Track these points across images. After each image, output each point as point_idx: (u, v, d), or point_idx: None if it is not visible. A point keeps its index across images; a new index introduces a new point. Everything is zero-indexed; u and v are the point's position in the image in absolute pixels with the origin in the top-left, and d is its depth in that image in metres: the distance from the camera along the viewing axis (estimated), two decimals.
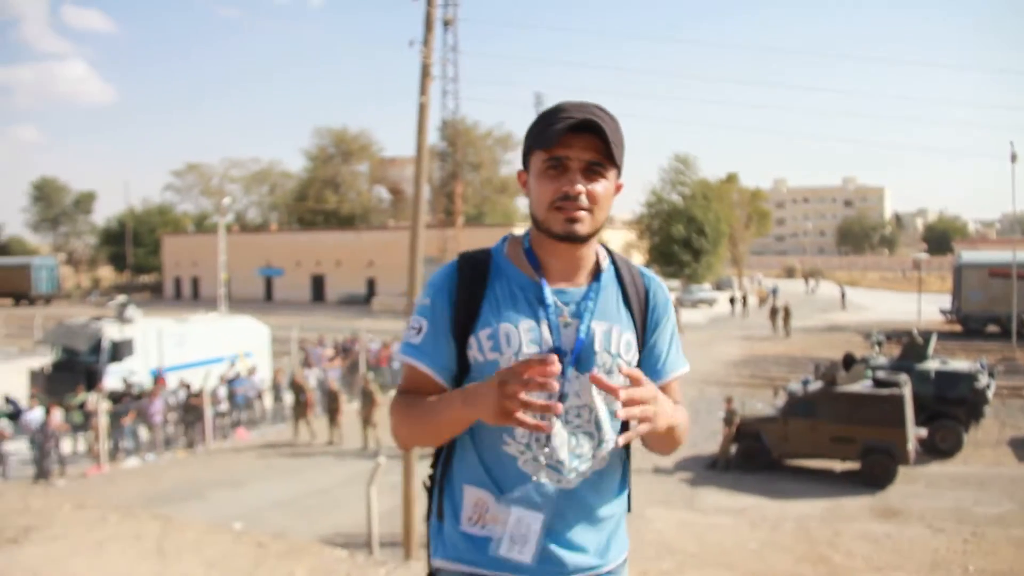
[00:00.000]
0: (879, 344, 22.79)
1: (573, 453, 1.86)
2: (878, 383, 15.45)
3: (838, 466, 15.68)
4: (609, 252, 2.04)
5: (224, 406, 19.71)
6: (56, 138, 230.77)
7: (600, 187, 1.83)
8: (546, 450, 1.84)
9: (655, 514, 13.27)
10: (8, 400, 18.79)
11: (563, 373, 1.82)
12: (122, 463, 17.14)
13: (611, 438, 1.90)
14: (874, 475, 14.82)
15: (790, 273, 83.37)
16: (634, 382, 1.68)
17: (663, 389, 1.93)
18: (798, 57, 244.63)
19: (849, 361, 16.46)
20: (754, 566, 11.09)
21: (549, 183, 1.82)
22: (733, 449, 16.02)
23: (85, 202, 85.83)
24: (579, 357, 1.85)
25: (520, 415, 1.60)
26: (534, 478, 1.84)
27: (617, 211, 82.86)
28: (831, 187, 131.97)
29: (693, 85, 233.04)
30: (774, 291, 51.02)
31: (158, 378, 19.91)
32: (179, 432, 18.79)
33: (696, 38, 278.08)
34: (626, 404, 1.64)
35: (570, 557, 1.87)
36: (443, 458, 1.96)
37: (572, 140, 1.79)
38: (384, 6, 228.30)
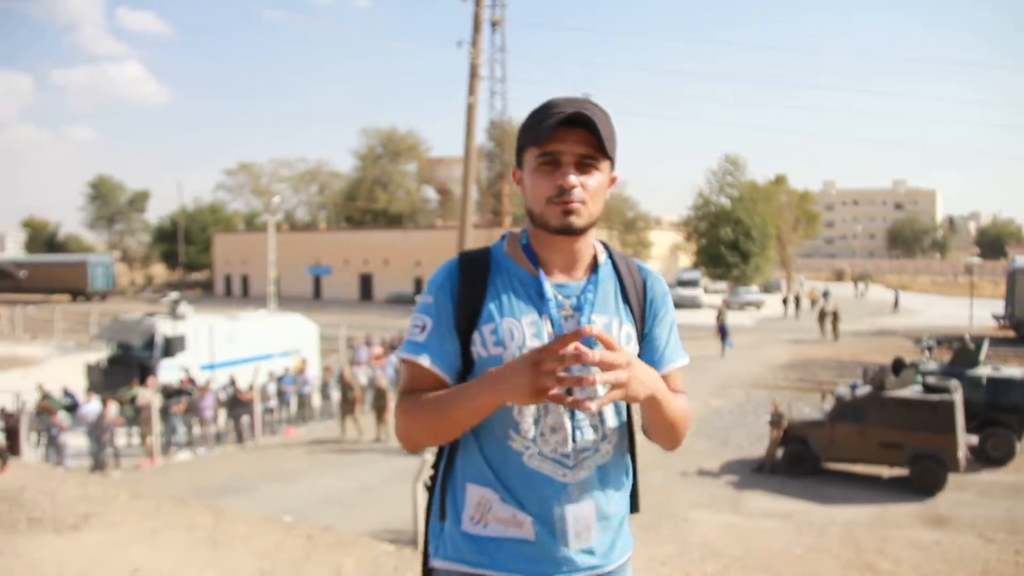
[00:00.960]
0: (929, 349, 22.45)
1: (578, 446, 1.87)
2: (928, 389, 15.25)
3: (886, 472, 15.50)
4: (606, 246, 2.06)
5: (273, 402, 20.00)
6: (112, 138, 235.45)
7: (594, 180, 1.84)
8: (551, 444, 1.85)
9: (700, 517, 13.22)
10: (66, 393, 19.26)
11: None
12: (174, 457, 17.48)
13: (613, 427, 1.94)
14: (923, 482, 14.62)
15: (839, 276, 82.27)
16: (606, 346, 1.67)
17: (664, 381, 1.96)
18: (849, 58, 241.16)
19: (898, 366, 16.26)
20: (799, 571, 11.01)
21: (544, 178, 1.83)
22: (779, 453, 15.91)
23: (139, 201, 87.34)
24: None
25: (556, 391, 1.62)
26: (540, 472, 1.84)
27: (664, 213, 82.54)
28: (881, 189, 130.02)
29: (741, 87, 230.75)
30: (826, 293, 50.42)
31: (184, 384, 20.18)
32: (229, 427, 19.12)
33: (743, 39, 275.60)
34: (600, 367, 1.64)
35: (574, 554, 1.87)
36: (445, 457, 1.95)
37: (564, 135, 1.80)
38: (431, 5, 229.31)
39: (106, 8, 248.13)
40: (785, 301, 47.85)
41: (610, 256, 2.03)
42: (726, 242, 53.23)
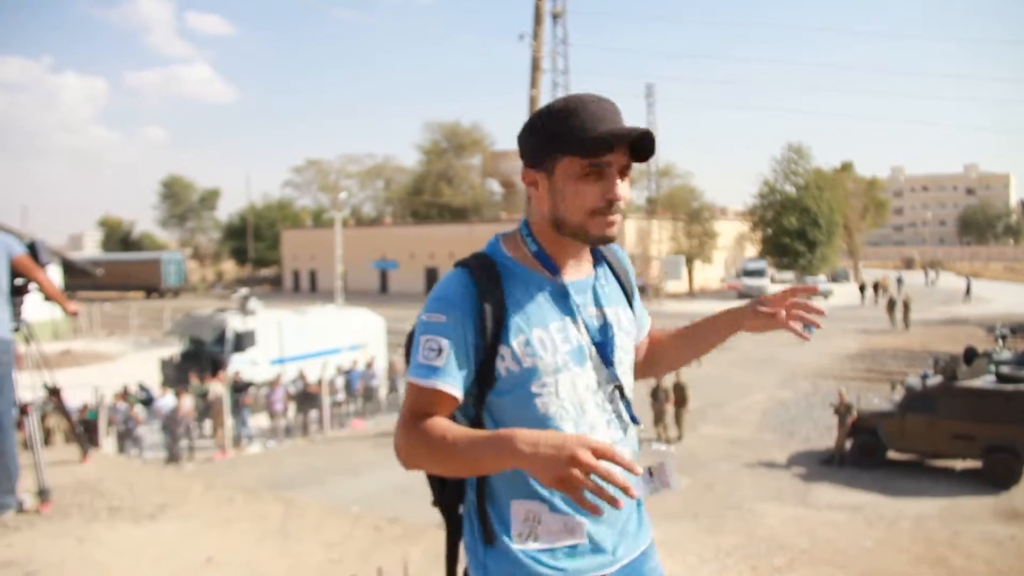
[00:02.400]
0: (1003, 338, 21.91)
1: (614, 441, 1.84)
2: (1002, 378, 14.89)
3: (958, 464, 15.19)
4: None
5: (341, 395, 20.32)
6: (182, 138, 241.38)
7: (628, 188, 1.81)
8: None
9: (767, 509, 13.12)
10: (141, 387, 19.79)
11: (607, 364, 1.86)
12: (245, 449, 17.87)
13: (629, 418, 1.93)
14: (997, 475, 14.29)
15: (909, 264, 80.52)
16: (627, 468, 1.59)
17: (650, 340, 2.17)
18: (917, 41, 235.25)
19: (971, 355, 15.88)
20: (868, 565, 10.87)
21: (589, 187, 1.76)
22: (848, 444, 15.69)
23: (210, 199, 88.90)
24: (606, 344, 1.87)
25: (582, 494, 1.52)
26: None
27: (729, 202, 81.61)
28: (952, 175, 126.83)
29: (806, 72, 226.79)
30: (899, 280, 49.41)
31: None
32: (298, 420, 19.47)
33: (808, 24, 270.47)
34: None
35: (620, 544, 1.87)
36: (475, 480, 1.85)
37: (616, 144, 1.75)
38: (490, 1, 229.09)
39: (176, 11, 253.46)
40: (863, 288, 46.97)
41: None
42: (792, 231, 52.54)
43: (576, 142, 1.74)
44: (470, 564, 1.86)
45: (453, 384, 1.75)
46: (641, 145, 1.75)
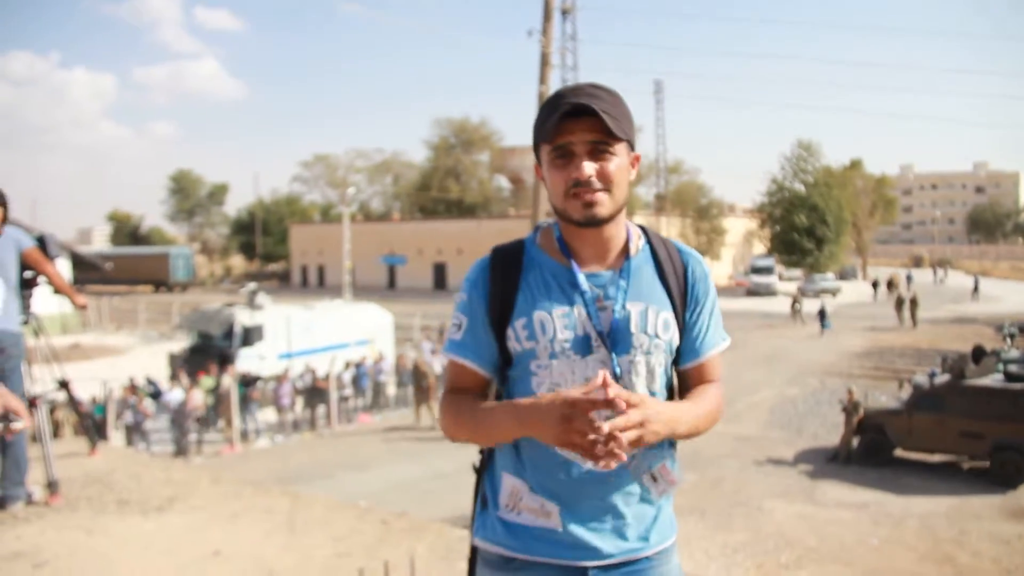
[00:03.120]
0: (1011, 336, 21.83)
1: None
2: (1010, 377, 14.84)
3: (966, 463, 15.15)
4: (644, 230, 2.01)
5: (349, 391, 20.34)
6: (191, 133, 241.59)
7: (612, 165, 1.80)
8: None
9: (774, 506, 13.11)
10: (149, 381, 19.85)
11: (613, 358, 1.84)
12: (253, 444, 17.91)
13: None
14: (1005, 474, 14.23)
15: (917, 262, 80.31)
16: (627, 403, 1.65)
17: (702, 367, 1.97)
18: (927, 37, 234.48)
19: (979, 353, 15.82)
20: (875, 563, 10.86)
21: (559, 172, 1.81)
22: (855, 442, 15.65)
23: (218, 194, 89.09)
24: (616, 339, 1.84)
25: (586, 449, 1.62)
26: (577, 462, 1.83)
27: (738, 199, 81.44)
28: (961, 173, 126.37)
29: (815, 68, 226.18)
30: (909, 277, 49.31)
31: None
32: (305, 415, 19.51)
33: (815, 19, 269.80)
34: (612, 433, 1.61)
35: (604, 541, 1.87)
36: (483, 450, 2.00)
37: (572, 125, 1.77)
38: None
39: (184, 5, 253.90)
40: (875, 285, 46.88)
41: (648, 241, 1.98)
42: (800, 228, 52.42)
43: (539, 128, 1.83)
44: (473, 514, 2.02)
45: (471, 358, 1.91)
46: (599, 121, 1.76)
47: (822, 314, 33.12)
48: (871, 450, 15.48)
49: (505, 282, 1.88)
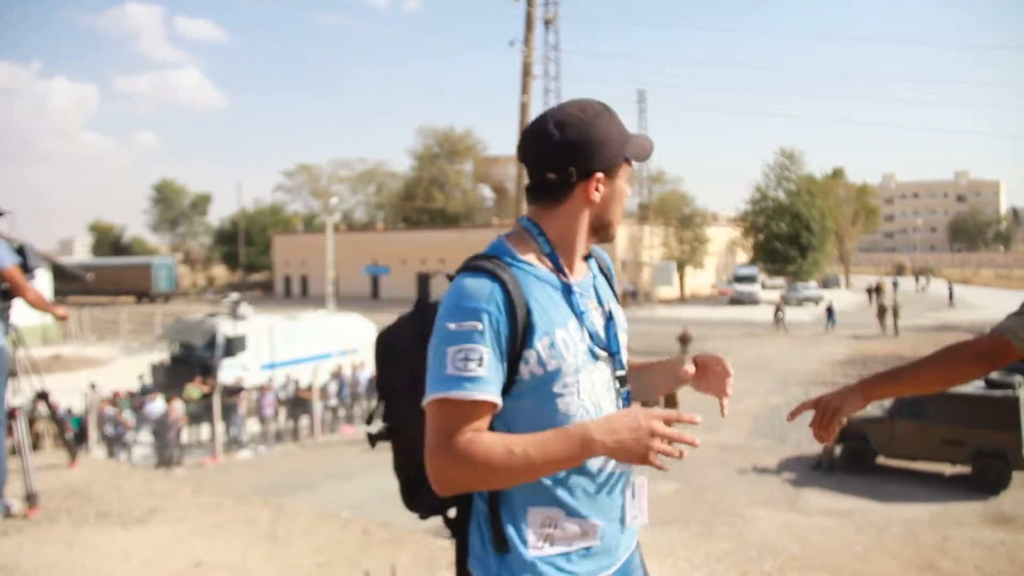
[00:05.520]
0: None
1: None
2: (991, 384, 14.93)
3: (947, 469, 15.23)
4: None
5: (333, 401, 20.28)
6: (174, 143, 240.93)
7: None
8: None
9: (757, 514, 13.13)
10: (131, 393, 19.74)
11: (614, 359, 1.90)
12: (236, 454, 17.83)
13: None
14: (986, 480, 14.33)
15: (900, 271, 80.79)
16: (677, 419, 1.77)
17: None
18: (907, 46, 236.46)
19: None
20: (858, 570, 10.89)
21: (626, 192, 1.92)
22: (838, 450, 15.71)
23: (201, 204, 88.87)
24: (612, 340, 1.90)
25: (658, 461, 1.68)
26: (605, 469, 1.85)
27: (721, 208, 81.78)
28: (943, 181, 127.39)
29: (797, 78, 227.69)
30: (895, 284, 49.67)
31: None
32: (288, 426, 19.44)
33: (797, 29, 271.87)
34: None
35: (626, 534, 1.91)
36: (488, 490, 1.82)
37: None
38: (480, 7, 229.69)
39: (165, 16, 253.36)
40: (870, 291, 47.33)
41: None
42: (783, 237, 52.68)
43: (628, 146, 1.87)
44: (479, 571, 1.81)
45: (495, 393, 1.70)
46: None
47: (829, 311, 36.27)
48: (854, 458, 15.56)
49: (519, 302, 1.73)
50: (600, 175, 1.83)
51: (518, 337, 1.72)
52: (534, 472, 1.69)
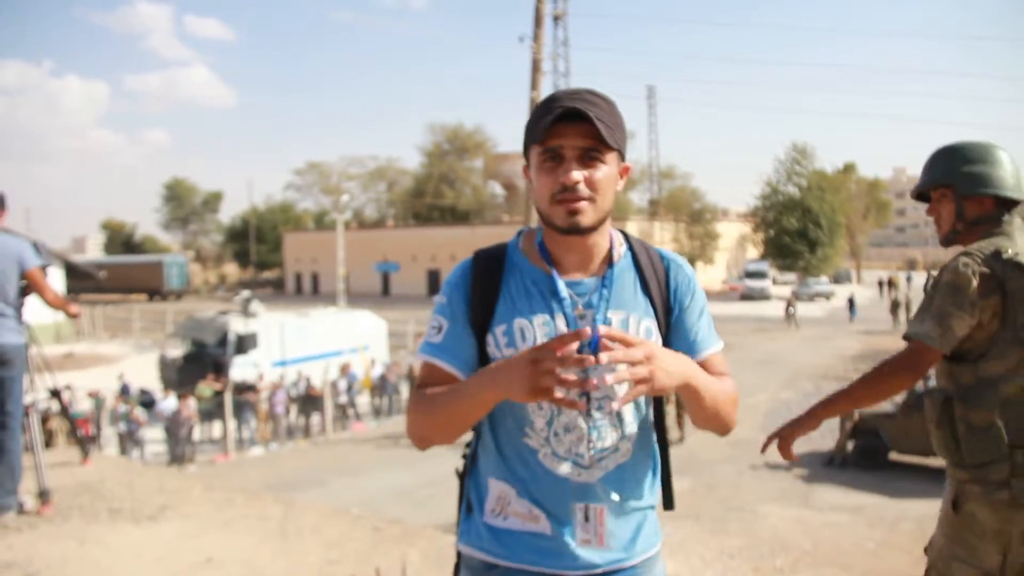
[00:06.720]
0: None
1: (595, 446, 1.81)
2: None
3: None
4: (626, 237, 1.97)
5: (344, 398, 20.31)
6: (185, 140, 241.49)
7: (600, 173, 1.76)
8: (565, 444, 1.81)
9: (769, 510, 13.10)
10: (143, 391, 19.81)
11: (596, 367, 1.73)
12: (247, 451, 17.88)
13: (634, 424, 1.87)
14: None
15: (912, 265, 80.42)
16: (622, 343, 1.60)
17: (703, 365, 1.86)
18: (920, 40, 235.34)
19: None
20: (871, 566, 10.84)
21: (547, 176, 1.76)
22: (850, 446, 15.66)
23: (212, 202, 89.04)
24: (596, 349, 1.67)
25: (557, 392, 1.57)
26: (555, 472, 1.81)
27: (731, 203, 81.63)
28: None
29: (808, 73, 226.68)
30: (908, 278, 49.48)
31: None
32: (299, 423, 19.49)
33: (810, 24, 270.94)
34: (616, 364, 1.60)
35: (589, 551, 1.82)
36: (471, 451, 1.96)
37: (565, 129, 1.72)
38: (489, 4, 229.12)
39: (175, 14, 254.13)
40: (881, 284, 47.10)
41: (630, 247, 1.94)
42: (794, 232, 52.51)
43: (531, 129, 1.80)
44: (458, 519, 1.97)
45: (449, 361, 1.83)
46: (592, 128, 1.72)
47: (851, 303, 37.64)
48: (866, 454, 15.49)
49: (486, 287, 1.84)
50: (526, 165, 1.87)
51: (477, 318, 1.84)
52: (454, 410, 1.75)
